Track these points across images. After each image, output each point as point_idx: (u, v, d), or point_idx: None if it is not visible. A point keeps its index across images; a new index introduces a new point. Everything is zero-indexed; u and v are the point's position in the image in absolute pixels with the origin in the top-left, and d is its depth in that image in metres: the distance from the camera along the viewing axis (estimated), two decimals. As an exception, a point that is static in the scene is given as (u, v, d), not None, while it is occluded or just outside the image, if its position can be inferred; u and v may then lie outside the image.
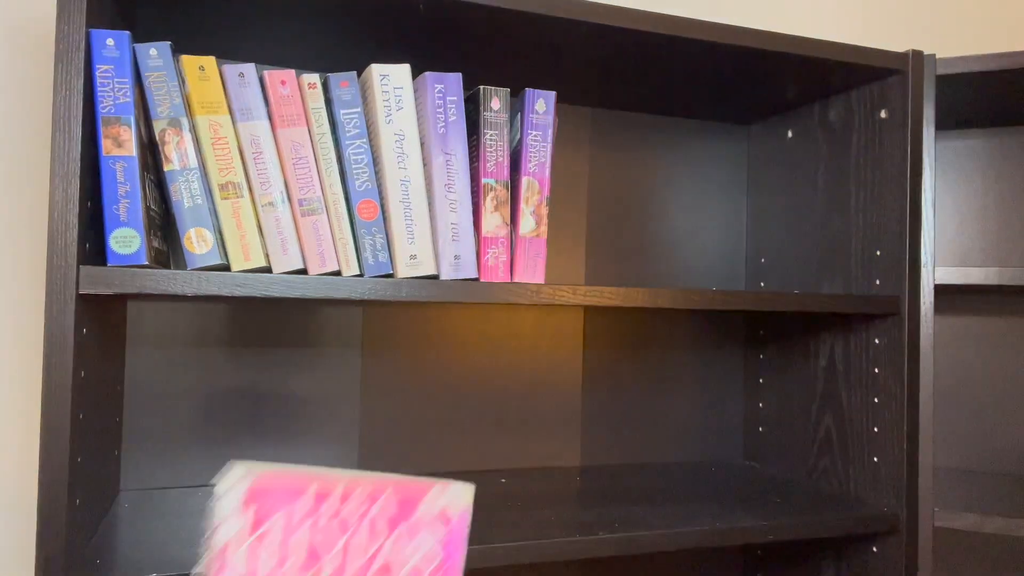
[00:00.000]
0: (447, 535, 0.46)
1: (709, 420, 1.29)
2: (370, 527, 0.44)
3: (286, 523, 0.42)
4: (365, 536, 0.44)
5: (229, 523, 0.41)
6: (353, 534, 0.44)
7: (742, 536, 0.90)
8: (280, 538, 0.42)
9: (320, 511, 0.43)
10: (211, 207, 0.77)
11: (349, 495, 0.44)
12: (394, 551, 0.44)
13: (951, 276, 0.99)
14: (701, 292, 0.89)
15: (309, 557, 0.43)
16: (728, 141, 1.30)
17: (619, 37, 0.89)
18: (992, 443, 1.27)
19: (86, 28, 0.69)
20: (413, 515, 0.45)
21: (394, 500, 0.45)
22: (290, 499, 0.42)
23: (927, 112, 1.00)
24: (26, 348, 0.97)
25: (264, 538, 0.42)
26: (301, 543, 0.42)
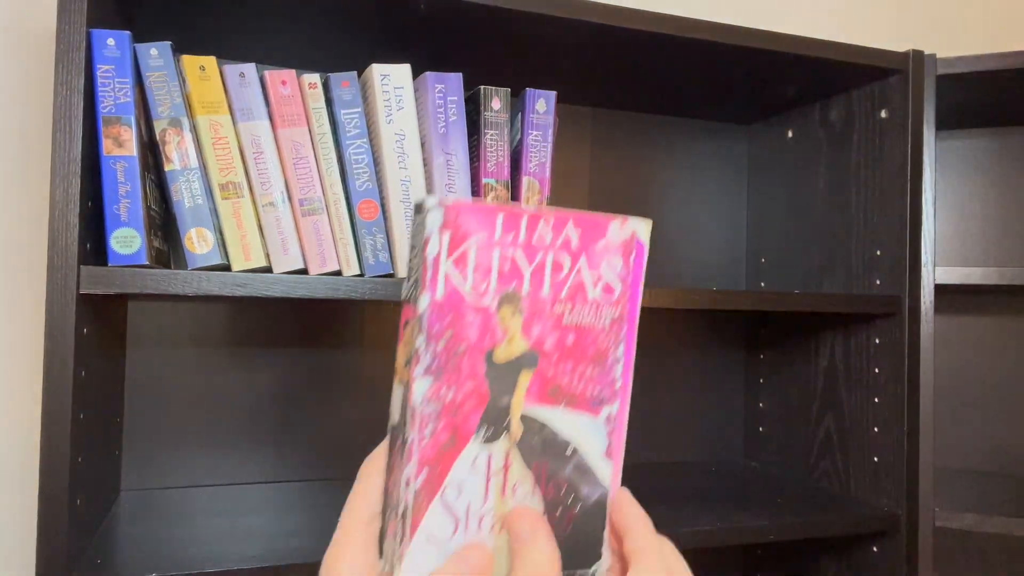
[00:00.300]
0: (633, 263, 0.47)
1: (709, 420, 1.29)
2: (559, 252, 0.46)
3: (481, 246, 0.44)
4: (555, 260, 0.46)
5: (434, 240, 0.43)
6: (544, 258, 0.45)
7: (742, 536, 0.90)
8: (476, 260, 0.44)
9: (509, 238, 0.44)
10: (212, 207, 0.77)
11: (535, 224, 0.45)
12: (583, 275, 0.46)
13: (951, 276, 0.99)
14: (701, 292, 0.89)
15: (502, 279, 0.44)
16: (728, 141, 1.30)
17: (619, 37, 0.89)
18: (992, 443, 1.27)
19: (87, 28, 0.69)
20: (599, 242, 0.47)
21: (578, 229, 0.46)
22: (482, 225, 0.44)
23: (927, 112, 1.00)
24: (26, 348, 0.97)
25: (462, 259, 0.44)
26: (495, 265, 0.44)
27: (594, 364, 0.47)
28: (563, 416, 0.46)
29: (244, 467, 1.04)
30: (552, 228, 0.46)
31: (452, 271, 0.43)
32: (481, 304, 0.44)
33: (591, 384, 0.47)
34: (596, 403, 0.47)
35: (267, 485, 1.03)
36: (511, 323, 0.45)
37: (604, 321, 0.47)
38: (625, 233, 0.47)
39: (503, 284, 0.44)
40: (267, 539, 0.80)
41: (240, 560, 0.73)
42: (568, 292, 0.46)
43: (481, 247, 0.44)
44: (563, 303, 0.46)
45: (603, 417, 0.47)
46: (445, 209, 0.42)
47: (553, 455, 0.46)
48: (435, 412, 0.43)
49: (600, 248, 0.47)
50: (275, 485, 1.03)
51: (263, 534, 0.82)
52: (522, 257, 0.45)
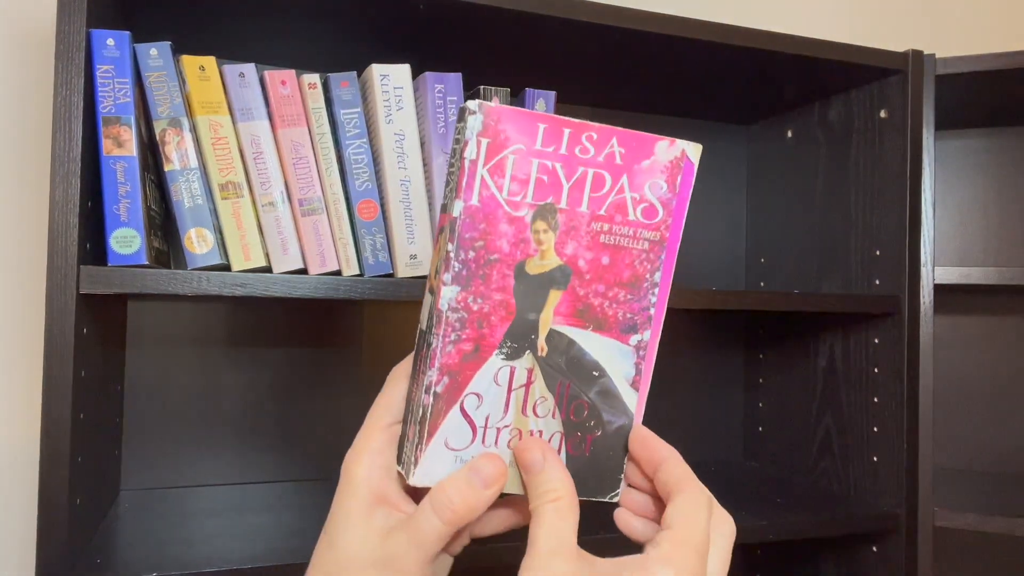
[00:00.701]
0: (680, 185, 0.45)
1: (709, 420, 1.29)
2: (601, 168, 0.44)
3: (520, 155, 0.42)
4: (596, 175, 0.44)
5: (471, 146, 0.41)
6: (584, 173, 0.44)
7: (742, 536, 0.90)
8: (513, 169, 0.42)
9: (550, 149, 0.43)
10: (211, 207, 0.77)
11: (579, 137, 0.44)
12: (625, 194, 0.44)
13: (951, 276, 0.99)
14: (701, 292, 0.89)
15: (540, 190, 0.43)
16: (728, 141, 1.30)
17: (619, 37, 0.89)
18: (992, 443, 1.27)
19: (86, 28, 0.69)
20: (644, 161, 0.45)
21: (623, 147, 0.44)
22: (523, 133, 0.42)
23: (927, 112, 1.00)
24: (26, 348, 0.97)
25: (500, 167, 0.42)
26: (533, 176, 0.43)
27: (628, 288, 0.45)
28: (591, 339, 0.45)
29: (244, 467, 1.04)
30: (596, 143, 0.44)
31: (488, 178, 0.41)
32: (516, 214, 0.42)
33: (623, 308, 0.45)
34: (627, 329, 0.45)
35: (267, 485, 1.03)
36: (545, 237, 0.43)
37: (643, 244, 0.45)
38: (674, 152, 0.45)
39: (540, 196, 0.43)
40: (267, 539, 0.80)
41: (240, 560, 0.74)
42: (608, 210, 0.44)
43: (520, 156, 0.42)
44: (601, 221, 0.44)
45: (632, 344, 0.45)
46: (486, 113, 0.41)
47: (578, 376, 0.45)
48: (461, 320, 0.42)
49: (645, 168, 0.45)
50: (275, 485, 1.03)
51: (263, 534, 0.82)
52: (562, 170, 0.43)
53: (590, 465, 0.47)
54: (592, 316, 0.45)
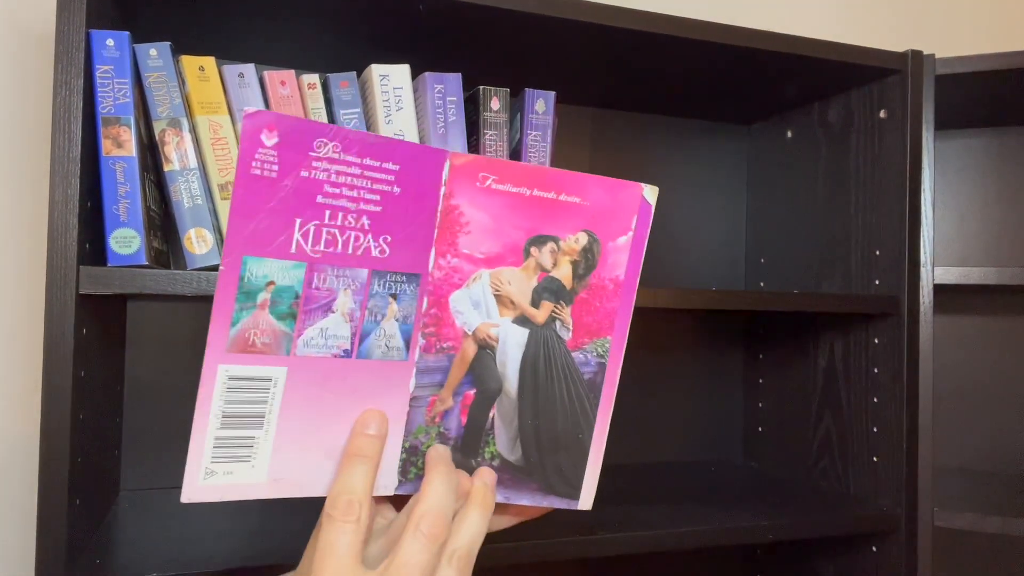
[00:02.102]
0: (639, 216, 0.52)
1: (709, 420, 1.29)
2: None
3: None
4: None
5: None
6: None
7: (742, 536, 0.90)
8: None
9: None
10: (211, 207, 0.77)
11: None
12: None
13: (951, 276, 0.99)
14: (701, 292, 0.89)
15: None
16: (728, 141, 1.30)
17: (619, 37, 0.89)
18: (992, 443, 1.27)
19: (86, 28, 0.69)
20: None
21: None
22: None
23: (927, 112, 1.00)
24: (26, 348, 0.97)
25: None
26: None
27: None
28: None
29: (244, 467, 1.04)
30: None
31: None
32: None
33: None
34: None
35: (267, 485, 1.03)
36: None
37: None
38: (640, 191, 0.53)
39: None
40: (267, 539, 0.80)
41: (240, 560, 0.74)
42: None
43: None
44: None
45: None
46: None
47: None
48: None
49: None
50: (275, 485, 1.03)
51: (263, 534, 0.82)
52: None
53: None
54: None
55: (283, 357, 0.45)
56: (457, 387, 0.50)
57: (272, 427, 0.46)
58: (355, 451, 0.46)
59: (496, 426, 0.52)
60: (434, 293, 0.49)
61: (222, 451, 0.45)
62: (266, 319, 0.44)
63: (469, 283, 0.49)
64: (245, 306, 0.44)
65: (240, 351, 0.44)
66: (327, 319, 0.46)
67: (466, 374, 0.50)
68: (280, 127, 0.42)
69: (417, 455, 0.50)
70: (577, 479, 0.54)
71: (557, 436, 0.53)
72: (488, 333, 0.50)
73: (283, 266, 0.44)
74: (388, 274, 0.47)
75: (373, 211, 0.46)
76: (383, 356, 0.48)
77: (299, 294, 0.45)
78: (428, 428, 0.50)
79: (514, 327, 0.51)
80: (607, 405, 0.54)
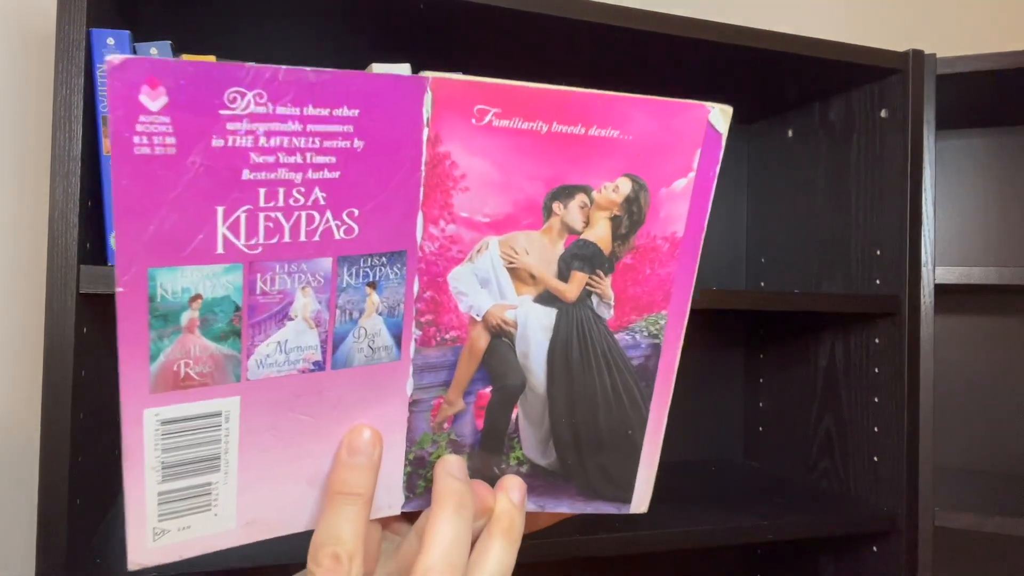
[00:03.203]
0: (703, 150, 0.39)
1: (709, 420, 1.29)
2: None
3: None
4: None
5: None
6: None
7: (742, 536, 0.90)
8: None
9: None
10: (211, 207, 0.77)
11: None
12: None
13: (951, 276, 0.99)
14: (701, 292, 0.89)
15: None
16: (728, 141, 1.30)
17: (619, 36, 0.89)
18: (992, 443, 1.27)
19: (87, 27, 0.69)
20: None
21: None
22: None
23: (927, 112, 1.00)
24: (26, 348, 0.97)
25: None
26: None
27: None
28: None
29: (244, 467, 1.04)
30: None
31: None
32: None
33: None
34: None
35: (267, 485, 1.03)
36: None
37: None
38: (705, 114, 0.40)
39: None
40: (268, 539, 0.80)
41: (240, 560, 0.73)
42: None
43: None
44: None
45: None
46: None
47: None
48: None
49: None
50: (275, 485, 1.03)
51: (263, 534, 0.82)
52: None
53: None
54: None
55: (232, 385, 0.35)
56: (468, 385, 0.41)
57: (232, 467, 0.37)
58: (340, 487, 0.37)
59: (522, 427, 0.43)
60: (427, 272, 0.38)
61: (172, 505, 0.36)
62: (199, 344, 0.34)
63: (472, 255, 0.38)
64: (164, 333, 0.33)
65: (170, 388, 0.34)
66: (284, 329, 0.36)
67: (478, 369, 0.41)
68: (168, 80, 0.30)
69: (425, 467, 0.41)
70: (626, 480, 0.45)
71: (600, 435, 0.43)
72: (503, 318, 0.40)
73: (209, 273, 0.33)
74: (360, 258, 0.36)
75: (328, 179, 0.34)
76: (368, 360, 0.38)
77: (239, 305, 0.34)
78: (436, 436, 0.41)
79: (537, 307, 0.40)
80: (664, 395, 0.43)
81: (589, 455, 0.43)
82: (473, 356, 0.41)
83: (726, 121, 0.38)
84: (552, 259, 0.39)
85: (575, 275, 0.40)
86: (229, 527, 0.37)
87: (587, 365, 0.42)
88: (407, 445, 0.41)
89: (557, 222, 0.39)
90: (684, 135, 0.38)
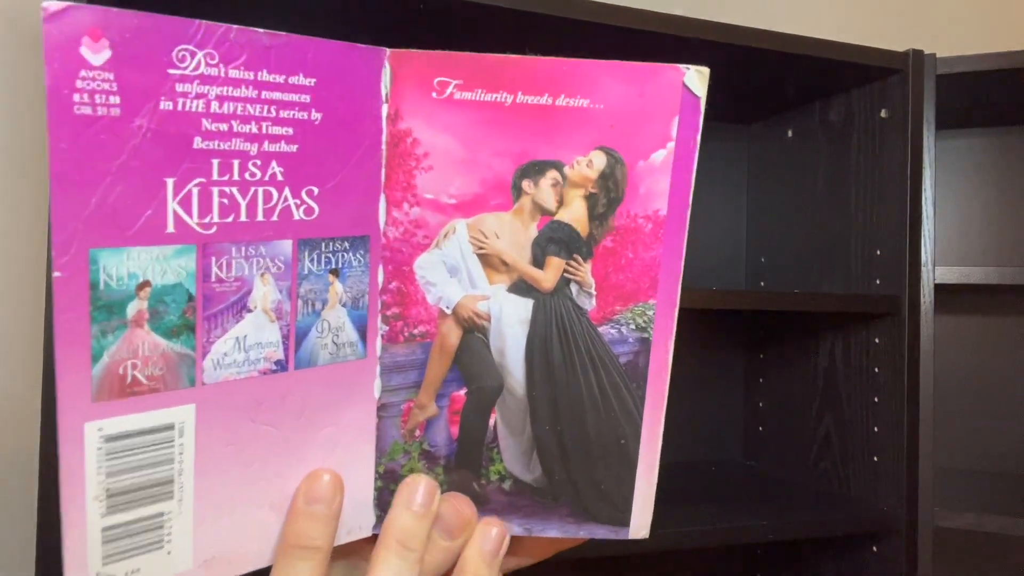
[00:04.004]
0: (681, 116, 0.36)
1: (709, 420, 1.29)
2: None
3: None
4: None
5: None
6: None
7: (742, 536, 0.90)
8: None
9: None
10: (211, 207, 0.77)
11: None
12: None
13: (951, 276, 0.99)
14: (701, 292, 0.88)
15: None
16: (728, 141, 1.30)
17: (619, 36, 0.89)
18: (992, 443, 1.27)
19: (86, 28, 0.69)
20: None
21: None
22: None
23: (927, 112, 1.00)
24: (26, 348, 0.97)
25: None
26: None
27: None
28: None
29: (244, 467, 1.04)
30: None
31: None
32: None
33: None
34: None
35: (267, 485, 1.03)
36: None
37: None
38: (680, 77, 0.37)
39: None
40: None
41: None
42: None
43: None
44: None
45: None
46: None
47: None
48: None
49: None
50: (275, 485, 1.03)
51: (263, 534, 0.82)
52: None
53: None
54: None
55: (186, 391, 0.31)
56: (440, 387, 0.37)
57: (188, 492, 0.32)
58: (295, 539, 0.33)
59: (501, 436, 0.38)
60: (392, 259, 0.35)
61: (118, 543, 0.30)
62: (149, 340, 0.30)
63: (439, 241, 0.35)
64: (108, 327, 0.29)
65: (115, 396, 0.29)
66: (243, 323, 0.32)
67: (451, 368, 0.37)
68: (112, 32, 0.27)
69: (397, 480, 0.37)
70: (623, 499, 0.39)
71: (589, 445, 0.38)
72: (475, 310, 0.36)
73: (159, 255, 0.29)
74: (322, 242, 0.33)
75: (286, 152, 0.31)
76: (332, 358, 0.35)
77: (192, 294, 0.30)
78: (407, 446, 0.37)
79: (511, 297, 0.37)
80: (658, 395, 0.38)
81: (578, 469, 0.39)
82: (444, 353, 0.37)
83: (703, 83, 0.36)
84: (525, 243, 0.36)
85: (551, 260, 0.37)
86: (185, 567, 0.32)
87: (570, 363, 0.38)
88: (376, 456, 0.37)
89: (528, 202, 0.36)
90: (659, 101, 0.36)
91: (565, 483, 0.39)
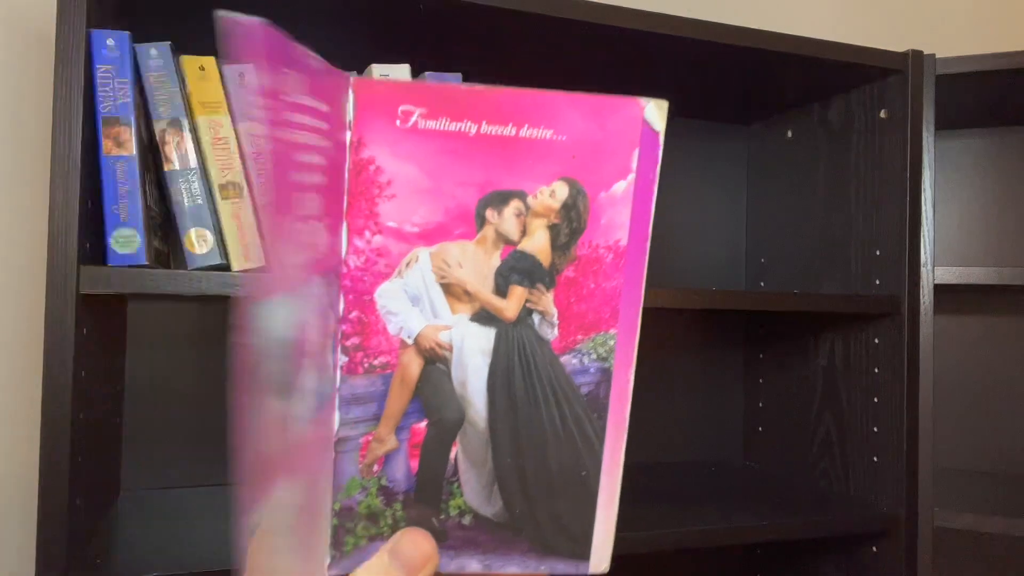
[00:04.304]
0: (641, 149, 0.36)
1: (709, 420, 1.29)
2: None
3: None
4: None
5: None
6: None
7: (742, 536, 0.90)
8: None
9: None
10: (211, 207, 0.77)
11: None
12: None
13: (951, 276, 0.99)
14: (701, 292, 0.89)
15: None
16: (728, 141, 1.30)
17: (619, 36, 0.89)
18: (992, 443, 1.27)
19: (86, 28, 0.69)
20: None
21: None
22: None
23: (927, 112, 1.00)
24: (26, 348, 0.97)
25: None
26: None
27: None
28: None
29: (244, 467, 1.04)
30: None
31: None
32: None
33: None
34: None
35: (267, 485, 1.03)
36: None
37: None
38: (640, 114, 0.37)
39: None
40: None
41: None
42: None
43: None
44: None
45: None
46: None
47: None
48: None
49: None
50: (275, 485, 1.03)
51: (263, 534, 0.82)
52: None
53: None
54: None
55: None
56: (400, 419, 0.36)
57: None
58: None
59: (462, 469, 0.38)
60: (353, 289, 0.35)
61: None
62: None
63: (401, 269, 0.35)
64: None
65: None
66: None
67: (411, 400, 0.37)
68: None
69: (353, 519, 0.36)
70: (583, 532, 0.39)
71: (551, 477, 0.38)
72: (436, 340, 0.36)
73: None
74: None
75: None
76: None
77: None
78: (364, 481, 0.36)
79: (473, 327, 0.37)
80: (618, 427, 0.38)
81: (539, 502, 0.38)
82: (405, 385, 0.36)
83: (662, 117, 0.36)
84: (488, 272, 0.36)
85: (514, 290, 0.37)
86: None
87: (532, 395, 0.38)
88: (333, 492, 0.36)
89: (491, 231, 0.36)
90: (620, 134, 0.36)
91: (526, 516, 0.38)
